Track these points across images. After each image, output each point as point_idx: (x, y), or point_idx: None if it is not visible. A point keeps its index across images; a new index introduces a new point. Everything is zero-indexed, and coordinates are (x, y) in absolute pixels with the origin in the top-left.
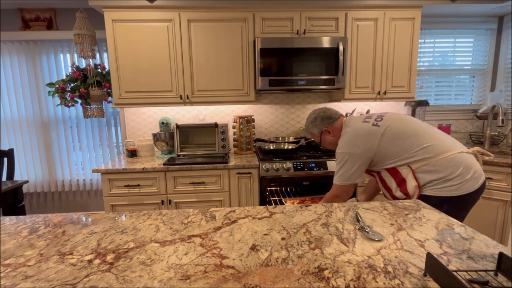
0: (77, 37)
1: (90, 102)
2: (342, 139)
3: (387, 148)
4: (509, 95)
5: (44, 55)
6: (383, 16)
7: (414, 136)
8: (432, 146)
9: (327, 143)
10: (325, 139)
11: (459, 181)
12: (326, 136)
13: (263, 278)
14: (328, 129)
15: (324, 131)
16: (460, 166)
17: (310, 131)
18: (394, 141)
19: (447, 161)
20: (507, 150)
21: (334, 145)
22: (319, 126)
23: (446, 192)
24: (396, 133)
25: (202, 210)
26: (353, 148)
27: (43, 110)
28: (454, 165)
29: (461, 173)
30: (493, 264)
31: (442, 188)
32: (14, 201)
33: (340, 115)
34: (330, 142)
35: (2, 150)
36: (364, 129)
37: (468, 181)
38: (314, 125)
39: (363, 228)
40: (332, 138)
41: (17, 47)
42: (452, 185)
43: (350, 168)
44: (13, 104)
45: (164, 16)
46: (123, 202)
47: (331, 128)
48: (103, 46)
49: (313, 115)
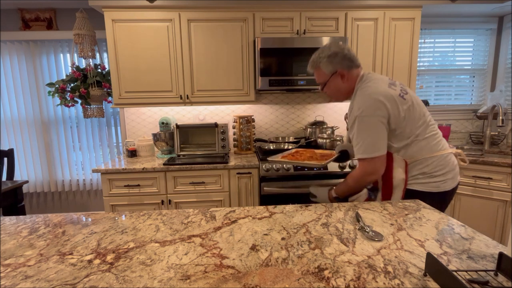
0: (77, 37)
1: (90, 102)
2: (362, 100)
3: (401, 126)
4: (509, 95)
5: (44, 55)
6: (383, 16)
7: (425, 125)
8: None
9: (334, 89)
10: (334, 83)
11: (442, 178)
12: (337, 80)
13: (263, 278)
14: (344, 73)
15: (338, 73)
16: (447, 165)
17: (320, 66)
18: (409, 121)
19: (439, 159)
20: (507, 150)
21: (339, 94)
22: (335, 64)
23: (430, 188)
24: (413, 116)
25: (202, 210)
26: (380, 111)
27: (43, 110)
28: (443, 164)
29: (446, 172)
30: (493, 264)
31: (425, 183)
32: (14, 201)
33: (359, 65)
34: (338, 90)
35: (2, 150)
36: (392, 95)
37: (449, 180)
38: (330, 62)
39: (363, 228)
40: (342, 86)
41: (17, 47)
42: (435, 182)
43: (378, 135)
44: (13, 104)
45: (164, 16)
46: (123, 202)
47: (347, 74)
48: (103, 46)
49: (333, 49)
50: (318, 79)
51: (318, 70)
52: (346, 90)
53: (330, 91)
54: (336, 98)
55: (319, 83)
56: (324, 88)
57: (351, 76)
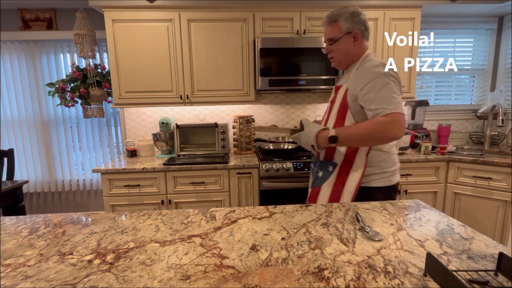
0: (77, 37)
1: (90, 102)
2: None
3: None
4: (509, 95)
5: (44, 55)
6: (383, 16)
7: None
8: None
9: (343, 49)
10: (346, 43)
11: (390, 174)
12: (349, 40)
13: (263, 278)
14: (358, 36)
15: (354, 34)
16: (396, 163)
17: (339, 20)
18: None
19: (393, 157)
20: (507, 150)
21: (345, 57)
22: (354, 24)
23: (382, 183)
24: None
25: (202, 210)
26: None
27: (43, 110)
28: (394, 161)
29: (395, 169)
30: (493, 264)
31: (379, 179)
32: (14, 201)
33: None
34: (346, 51)
35: (2, 150)
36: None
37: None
38: (351, 19)
39: (363, 228)
40: (352, 49)
41: (17, 47)
42: (386, 177)
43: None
44: (13, 104)
45: (164, 16)
46: (123, 202)
47: (360, 38)
48: (103, 46)
49: (356, 9)
50: (330, 33)
51: (334, 25)
52: (352, 55)
53: (339, 51)
54: (339, 62)
55: (329, 38)
56: (333, 45)
57: (362, 43)
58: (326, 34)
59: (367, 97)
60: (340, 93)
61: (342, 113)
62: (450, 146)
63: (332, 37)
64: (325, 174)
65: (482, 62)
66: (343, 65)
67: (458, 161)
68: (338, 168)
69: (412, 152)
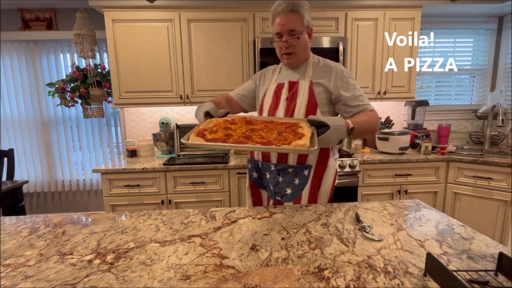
0: (77, 37)
1: (90, 102)
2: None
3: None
4: (509, 95)
5: (44, 55)
6: (383, 16)
7: None
8: None
9: (304, 44)
10: (305, 38)
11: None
12: (306, 37)
13: (263, 278)
14: (311, 33)
15: (309, 29)
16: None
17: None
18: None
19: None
20: (507, 150)
21: (304, 53)
22: (309, 19)
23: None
24: None
25: (202, 210)
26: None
27: (43, 110)
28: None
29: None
30: (493, 264)
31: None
32: (14, 201)
33: None
34: (305, 47)
35: (2, 150)
36: None
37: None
38: (308, 13)
39: (363, 228)
40: (308, 45)
41: (17, 47)
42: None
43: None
44: (13, 104)
45: (164, 16)
46: (123, 202)
47: (311, 34)
48: (103, 46)
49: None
50: (293, 24)
51: (297, 15)
52: (308, 52)
53: (301, 46)
54: (298, 58)
55: (292, 29)
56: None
57: (311, 38)
58: (286, 23)
59: (350, 94)
60: (302, 90)
61: (310, 110)
62: (450, 146)
63: (295, 29)
64: (302, 180)
65: (482, 62)
66: (298, 62)
67: (458, 161)
68: (313, 170)
69: (412, 152)
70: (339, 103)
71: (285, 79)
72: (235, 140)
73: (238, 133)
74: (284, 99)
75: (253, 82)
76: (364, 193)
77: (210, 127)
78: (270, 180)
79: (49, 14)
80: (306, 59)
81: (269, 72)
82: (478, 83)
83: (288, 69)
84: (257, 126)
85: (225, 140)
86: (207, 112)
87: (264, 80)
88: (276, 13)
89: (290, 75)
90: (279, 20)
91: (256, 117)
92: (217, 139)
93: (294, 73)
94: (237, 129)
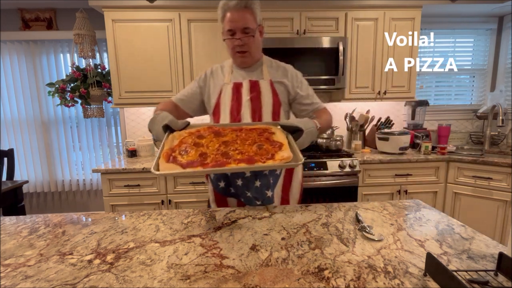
0: (77, 37)
1: (90, 102)
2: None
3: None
4: (509, 95)
5: (44, 55)
6: (383, 16)
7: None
8: None
9: (257, 43)
10: (258, 36)
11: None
12: (258, 35)
13: (263, 278)
14: (262, 31)
15: (261, 27)
16: None
17: (254, 8)
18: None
19: None
20: (507, 150)
21: (258, 51)
22: (261, 17)
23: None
24: None
25: (202, 210)
26: None
27: (43, 110)
28: None
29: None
30: (493, 264)
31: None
32: (14, 201)
33: None
34: (258, 45)
35: (2, 150)
36: None
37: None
38: (259, 10)
39: (363, 228)
40: (260, 42)
41: (17, 47)
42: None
43: None
44: (13, 104)
45: (164, 16)
46: (123, 202)
47: (263, 32)
48: (103, 46)
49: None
50: (247, 22)
51: (249, 12)
52: (260, 50)
53: (255, 44)
54: (252, 57)
55: (247, 27)
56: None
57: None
58: (240, 20)
59: (305, 93)
60: (264, 89)
61: (276, 110)
62: (450, 146)
63: (249, 27)
64: (275, 179)
65: (482, 62)
66: (252, 62)
67: (458, 161)
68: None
69: (412, 152)
70: (295, 102)
71: (242, 78)
72: (214, 160)
73: (212, 150)
74: (247, 100)
75: (197, 85)
76: (364, 193)
77: (176, 146)
78: (244, 186)
79: (49, 14)
80: (259, 58)
81: (217, 71)
82: (478, 83)
83: (240, 68)
84: (228, 137)
85: (203, 163)
86: (166, 126)
87: (214, 81)
88: (227, 8)
89: (246, 74)
90: (232, 16)
91: (222, 125)
92: (193, 163)
93: (250, 72)
94: (208, 144)
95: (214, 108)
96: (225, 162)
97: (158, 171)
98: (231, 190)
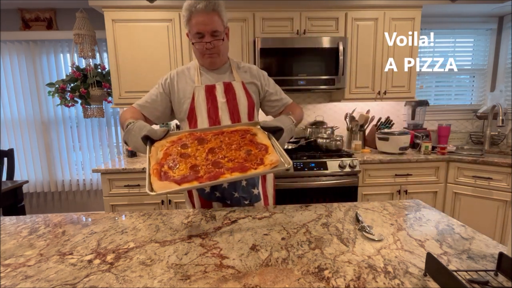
0: (77, 37)
1: (90, 102)
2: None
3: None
4: (509, 95)
5: (44, 55)
6: (383, 16)
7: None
8: None
9: (226, 45)
10: (226, 39)
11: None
12: (225, 37)
13: (263, 278)
14: (228, 33)
15: (227, 29)
16: None
17: (220, 11)
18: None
19: None
20: (507, 150)
21: (226, 53)
22: (226, 20)
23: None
24: None
25: (202, 210)
26: None
27: (43, 110)
28: None
29: None
30: (493, 264)
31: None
32: (14, 201)
33: None
34: (227, 47)
35: (2, 150)
36: None
37: None
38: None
39: (363, 228)
40: (227, 44)
41: (17, 47)
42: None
43: None
44: (13, 104)
45: (164, 16)
46: (123, 202)
47: (228, 34)
48: (103, 46)
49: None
50: (216, 25)
51: (216, 15)
52: (227, 52)
53: (224, 46)
54: (221, 59)
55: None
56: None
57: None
58: (209, 24)
59: (274, 90)
60: (238, 91)
61: (251, 111)
62: (450, 146)
63: (218, 30)
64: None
65: (482, 62)
66: (220, 63)
67: (458, 161)
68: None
69: (412, 152)
70: (265, 100)
71: (214, 80)
72: (207, 172)
73: (201, 160)
74: (223, 102)
75: (162, 90)
76: (364, 193)
77: (163, 160)
78: (231, 188)
79: (49, 14)
80: (226, 60)
81: (183, 74)
82: (478, 83)
83: (208, 71)
84: (212, 143)
85: (197, 177)
86: (146, 137)
87: (182, 84)
88: (195, 11)
89: (217, 76)
90: (200, 19)
91: (202, 129)
92: (187, 177)
93: (220, 74)
94: (195, 153)
95: (188, 113)
96: (219, 172)
97: (153, 191)
98: (217, 194)
